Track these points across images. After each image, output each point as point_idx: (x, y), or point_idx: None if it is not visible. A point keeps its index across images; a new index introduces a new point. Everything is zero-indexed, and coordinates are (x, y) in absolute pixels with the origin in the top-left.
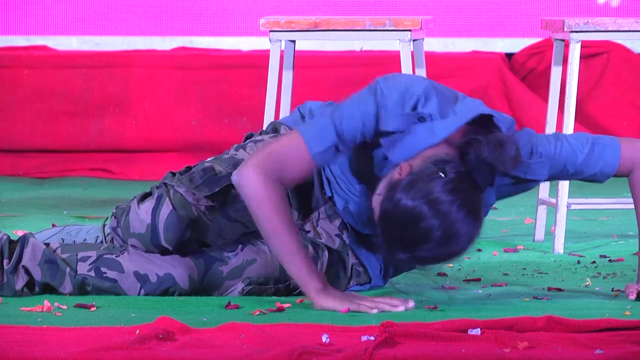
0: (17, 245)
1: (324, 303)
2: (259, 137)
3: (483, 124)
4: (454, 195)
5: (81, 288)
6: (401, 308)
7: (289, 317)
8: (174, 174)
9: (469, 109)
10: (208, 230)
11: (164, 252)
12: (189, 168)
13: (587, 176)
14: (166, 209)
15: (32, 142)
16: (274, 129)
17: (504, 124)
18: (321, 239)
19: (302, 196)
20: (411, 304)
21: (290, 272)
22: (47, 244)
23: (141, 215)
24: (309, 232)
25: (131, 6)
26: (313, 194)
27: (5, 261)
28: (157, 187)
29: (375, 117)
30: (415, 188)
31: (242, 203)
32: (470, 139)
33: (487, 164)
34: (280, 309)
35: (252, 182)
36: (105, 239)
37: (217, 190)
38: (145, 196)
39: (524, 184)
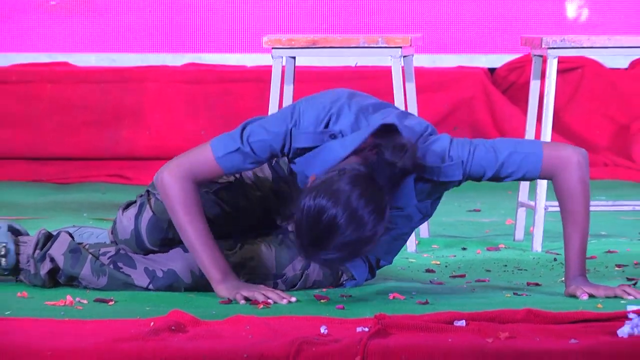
0: (50, 239)
1: (219, 292)
2: None
3: (389, 132)
4: (352, 187)
5: (99, 273)
6: (284, 301)
7: (291, 310)
8: None
9: (379, 120)
10: None
11: (151, 252)
12: None
13: (512, 180)
14: (147, 214)
15: (54, 150)
16: None
17: (412, 132)
18: None
19: (281, 201)
20: (293, 299)
21: (197, 262)
22: (80, 243)
23: (124, 222)
24: (292, 232)
25: (145, 25)
26: (290, 199)
27: (37, 251)
28: (141, 196)
29: (286, 134)
30: (316, 189)
31: (218, 208)
32: (372, 145)
33: (387, 163)
34: None
35: (167, 183)
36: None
37: None
38: (129, 204)
39: (443, 186)
